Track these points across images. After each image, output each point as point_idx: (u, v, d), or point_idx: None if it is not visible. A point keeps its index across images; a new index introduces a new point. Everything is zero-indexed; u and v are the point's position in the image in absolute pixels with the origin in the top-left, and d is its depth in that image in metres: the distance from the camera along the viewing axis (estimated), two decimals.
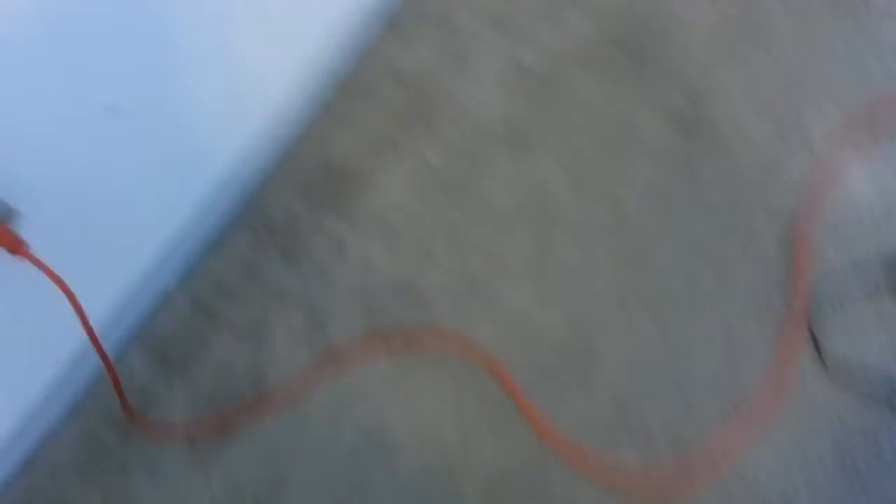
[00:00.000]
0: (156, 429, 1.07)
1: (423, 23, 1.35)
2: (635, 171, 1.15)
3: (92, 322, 0.97)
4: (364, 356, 1.06)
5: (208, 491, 1.01)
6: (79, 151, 0.93)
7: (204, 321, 1.15)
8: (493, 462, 0.95)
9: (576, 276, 1.07)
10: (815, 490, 0.95)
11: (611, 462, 0.93)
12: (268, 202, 1.24)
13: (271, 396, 1.06)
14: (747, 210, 1.15)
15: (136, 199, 1.07)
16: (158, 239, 1.15)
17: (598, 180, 1.15)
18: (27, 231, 0.84)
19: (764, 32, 1.32)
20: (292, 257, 1.16)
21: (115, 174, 1.01)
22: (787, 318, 1.05)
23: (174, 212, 1.15)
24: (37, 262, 0.84)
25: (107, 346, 1.12)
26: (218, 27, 1.10)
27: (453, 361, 1.03)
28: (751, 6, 1.32)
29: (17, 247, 0.82)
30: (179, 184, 1.14)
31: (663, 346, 1.02)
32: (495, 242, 1.12)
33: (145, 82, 0.97)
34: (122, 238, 1.09)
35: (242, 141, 1.22)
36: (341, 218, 1.19)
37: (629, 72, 1.23)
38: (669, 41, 1.29)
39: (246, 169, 1.25)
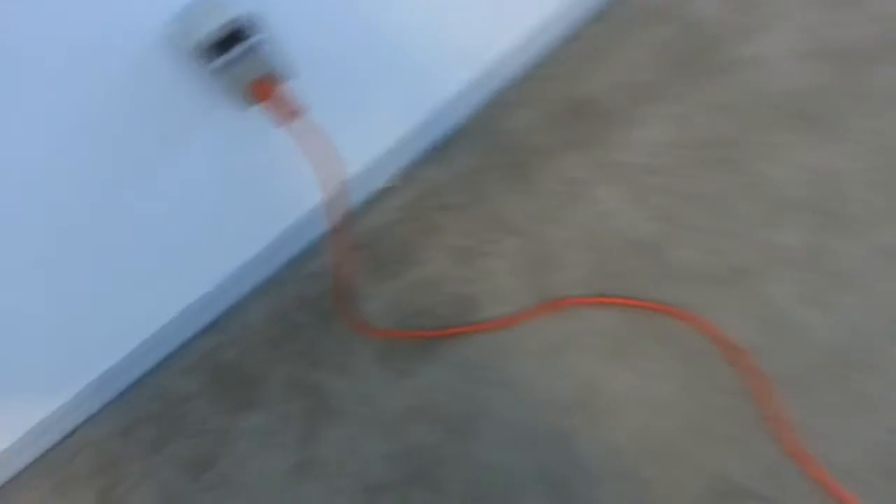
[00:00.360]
0: (360, 326, 1.04)
1: None
2: None
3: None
4: (590, 310, 0.98)
5: (400, 399, 0.98)
6: (352, 32, 0.92)
7: (421, 233, 1.11)
8: (722, 458, 0.84)
9: (862, 282, 0.91)
10: None
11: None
12: (509, 124, 1.17)
13: (481, 326, 1.00)
14: None
15: (391, 83, 1.04)
16: (402, 127, 1.12)
17: None
18: (302, 93, 0.83)
19: None
20: (526, 189, 1.10)
21: (378, 58, 0.99)
22: None
23: (419, 106, 1.12)
24: (310, 127, 0.82)
25: (323, 228, 1.11)
26: None
27: (692, 343, 0.92)
28: None
29: (297, 112, 0.80)
30: (430, 80, 1.10)
31: None
32: (765, 226, 0.98)
33: None
34: (370, 118, 1.06)
35: (494, 55, 1.16)
36: (586, 159, 1.10)
37: None
38: None
39: (492, 83, 1.19)
